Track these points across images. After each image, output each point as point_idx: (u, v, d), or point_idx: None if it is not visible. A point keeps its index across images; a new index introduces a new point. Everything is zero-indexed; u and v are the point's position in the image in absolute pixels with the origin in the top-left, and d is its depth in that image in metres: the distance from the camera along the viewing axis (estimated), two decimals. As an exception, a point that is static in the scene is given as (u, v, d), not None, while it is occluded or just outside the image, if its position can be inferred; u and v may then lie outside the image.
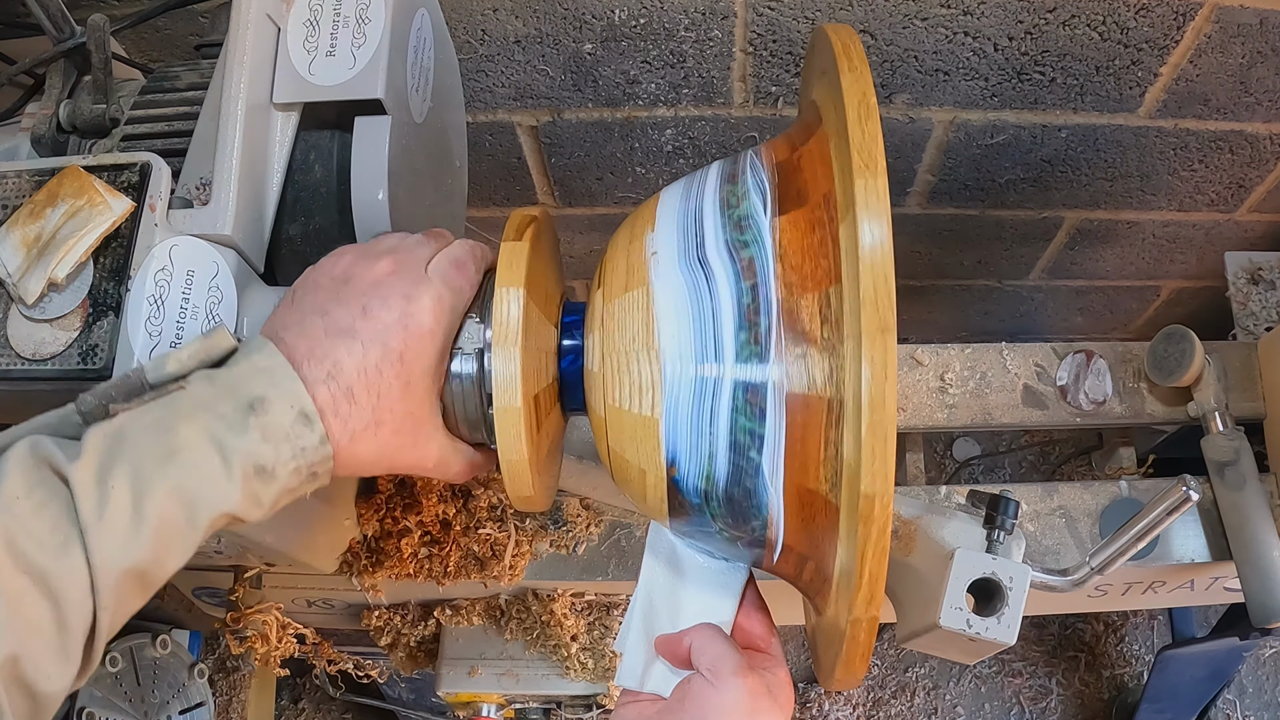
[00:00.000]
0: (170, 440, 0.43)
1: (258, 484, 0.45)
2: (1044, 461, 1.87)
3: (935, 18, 0.97)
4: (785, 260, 0.46)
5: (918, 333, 1.68)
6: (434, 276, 0.50)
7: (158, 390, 0.45)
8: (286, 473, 0.46)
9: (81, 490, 0.41)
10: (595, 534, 0.91)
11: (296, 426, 0.45)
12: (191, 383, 0.45)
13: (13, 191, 0.56)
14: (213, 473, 0.44)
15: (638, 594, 0.57)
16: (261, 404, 0.45)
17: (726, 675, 0.50)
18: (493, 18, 0.97)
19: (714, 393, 0.46)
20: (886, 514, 0.41)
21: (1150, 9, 0.95)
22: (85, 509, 0.41)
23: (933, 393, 0.93)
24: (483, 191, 1.24)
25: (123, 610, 0.43)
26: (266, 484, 0.45)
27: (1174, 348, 0.91)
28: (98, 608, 0.42)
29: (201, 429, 0.44)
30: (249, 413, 0.44)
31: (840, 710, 1.77)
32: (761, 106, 1.09)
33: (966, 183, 1.23)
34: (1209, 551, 0.90)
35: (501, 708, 1.02)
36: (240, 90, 0.57)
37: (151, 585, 0.44)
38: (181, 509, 0.43)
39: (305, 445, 0.46)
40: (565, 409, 0.56)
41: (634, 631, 0.56)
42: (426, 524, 0.89)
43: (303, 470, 0.46)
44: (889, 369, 0.40)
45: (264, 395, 0.45)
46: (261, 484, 0.45)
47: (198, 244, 0.55)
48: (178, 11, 0.77)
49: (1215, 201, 1.26)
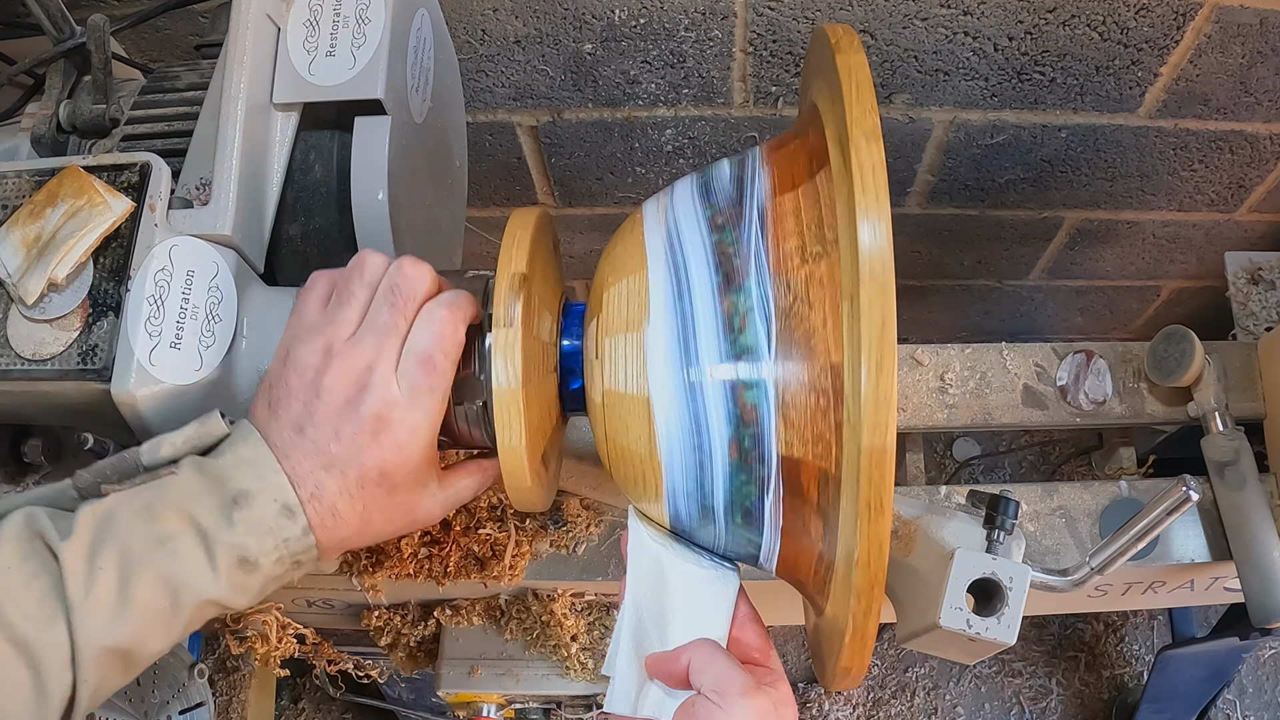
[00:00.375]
0: (158, 528, 0.45)
1: (241, 574, 0.46)
2: (1044, 461, 1.87)
3: (935, 18, 0.97)
4: (779, 264, 0.46)
5: (918, 333, 1.68)
6: (403, 384, 0.49)
7: (151, 473, 0.47)
8: (269, 563, 0.47)
9: (71, 568, 0.43)
10: (595, 534, 0.91)
11: (280, 520, 0.47)
12: (182, 469, 0.47)
13: (13, 191, 0.56)
14: (198, 563, 0.45)
15: (624, 612, 0.53)
16: (245, 498, 0.46)
17: (734, 696, 0.47)
18: (493, 18, 0.97)
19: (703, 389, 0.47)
20: (886, 521, 0.41)
21: (1150, 9, 0.95)
22: (73, 587, 0.43)
23: (933, 393, 0.93)
24: (483, 191, 1.24)
25: (105, 686, 0.45)
26: (250, 574, 0.47)
27: (1174, 348, 0.91)
28: (77, 680, 0.43)
29: (187, 519, 0.45)
30: (233, 507, 0.46)
31: (840, 710, 1.77)
32: (761, 106, 1.09)
33: (966, 183, 1.23)
34: (1209, 551, 0.90)
35: (501, 708, 1.02)
36: (240, 90, 0.57)
37: (135, 665, 0.46)
38: (166, 595, 0.45)
39: (288, 537, 0.47)
40: (565, 409, 0.57)
41: (623, 653, 0.53)
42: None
43: (286, 560, 0.48)
44: (888, 367, 0.40)
45: (248, 490, 0.46)
46: (245, 574, 0.47)
47: (198, 244, 0.55)
48: (178, 11, 0.77)
49: (1215, 201, 1.26)
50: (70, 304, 0.53)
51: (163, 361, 0.52)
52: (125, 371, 0.51)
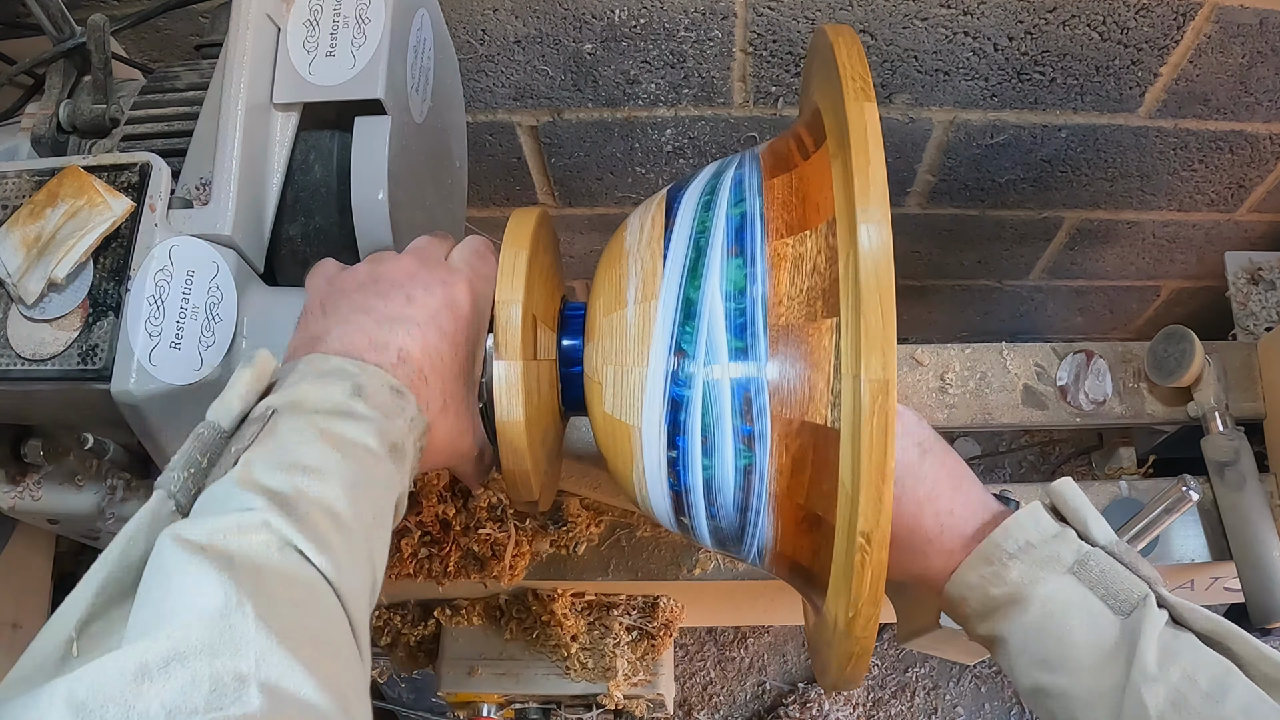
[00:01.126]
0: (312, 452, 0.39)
1: (402, 463, 0.44)
2: (1044, 461, 1.87)
3: (935, 18, 0.97)
4: (776, 273, 0.46)
5: (918, 333, 1.68)
6: (462, 265, 0.52)
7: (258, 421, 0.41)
8: (410, 447, 0.45)
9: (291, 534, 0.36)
10: (595, 534, 0.91)
11: (396, 401, 0.44)
12: (281, 406, 0.41)
13: (13, 191, 0.56)
14: (372, 464, 0.41)
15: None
16: (361, 390, 0.43)
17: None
18: (493, 18, 0.97)
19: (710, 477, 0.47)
20: (886, 521, 0.41)
21: (1150, 9, 0.95)
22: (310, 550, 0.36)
23: (933, 393, 0.93)
24: (483, 191, 1.24)
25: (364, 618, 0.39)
26: (403, 463, 0.44)
27: (1174, 348, 0.91)
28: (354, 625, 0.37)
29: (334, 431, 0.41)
30: (358, 397, 0.42)
31: (840, 710, 1.77)
32: (761, 106, 1.09)
33: (966, 183, 1.23)
34: (1209, 551, 0.90)
35: (501, 708, 1.02)
36: (240, 90, 0.57)
37: (378, 586, 0.42)
38: (369, 508, 0.41)
39: (411, 415, 0.45)
40: (565, 410, 0.57)
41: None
42: (426, 524, 0.89)
43: (419, 443, 0.46)
44: (889, 365, 0.40)
45: (358, 383, 0.43)
46: (401, 463, 0.44)
47: (198, 244, 0.55)
48: (178, 11, 0.77)
49: (1215, 201, 1.26)
50: (70, 304, 0.53)
51: (163, 361, 0.52)
52: (125, 371, 0.51)
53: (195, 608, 0.31)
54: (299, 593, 0.35)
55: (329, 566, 0.36)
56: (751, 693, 1.85)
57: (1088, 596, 0.48)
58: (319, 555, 0.36)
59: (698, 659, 1.88)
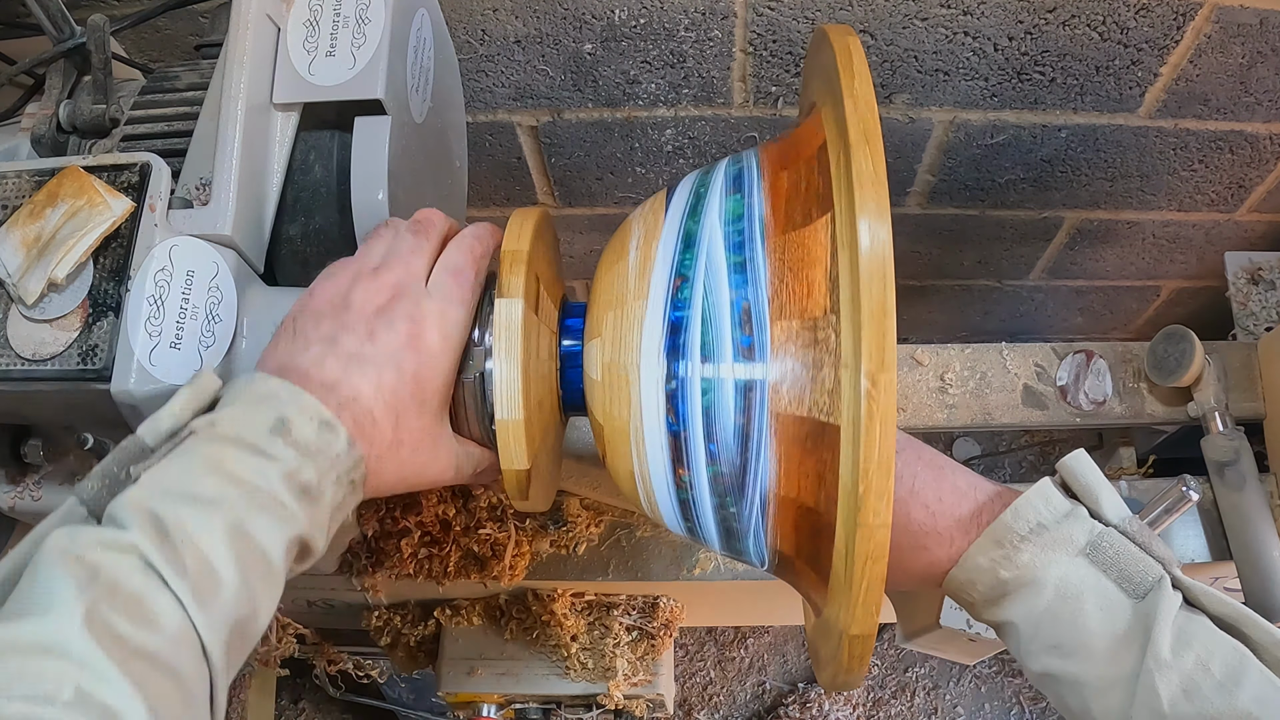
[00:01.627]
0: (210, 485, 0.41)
1: (310, 506, 0.44)
2: (1044, 461, 1.87)
3: (935, 18, 0.97)
4: (780, 266, 0.46)
5: (918, 333, 1.68)
6: (434, 294, 0.50)
7: (173, 440, 0.43)
8: (329, 486, 0.45)
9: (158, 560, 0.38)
10: (595, 534, 0.91)
11: (323, 436, 0.44)
12: (199, 428, 0.43)
13: (13, 191, 0.56)
14: (264, 505, 0.42)
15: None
16: (284, 424, 0.43)
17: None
18: (493, 18, 0.97)
19: (710, 403, 0.47)
20: (886, 521, 0.41)
21: (1150, 9, 0.95)
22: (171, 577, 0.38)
23: (933, 393, 0.93)
24: (483, 191, 1.24)
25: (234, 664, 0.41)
26: (316, 504, 0.44)
27: (1174, 348, 0.91)
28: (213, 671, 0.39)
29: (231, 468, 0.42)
30: (276, 434, 0.43)
31: (840, 710, 1.77)
32: (761, 106, 1.09)
33: (966, 183, 1.23)
34: (1209, 551, 0.90)
35: (501, 708, 1.02)
36: (240, 90, 0.57)
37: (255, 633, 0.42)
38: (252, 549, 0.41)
39: (337, 453, 0.45)
40: (565, 410, 0.57)
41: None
42: (426, 524, 0.89)
43: (342, 481, 0.45)
44: (888, 362, 0.40)
45: (283, 416, 0.44)
46: (312, 505, 0.44)
47: (198, 244, 0.55)
48: (178, 11, 0.77)
49: (1215, 201, 1.26)
50: (70, 304, 0.53)
51: (163, 361, 0.52)
52: (125, 371, 0.51)
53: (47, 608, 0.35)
54: (147, 613, 0.37)
55: (188, 594, 0.38)
56: (751, 693, 1.85)
57: (1101, 580, 0.48)
58: (179, 581, 0.38)
59: (698, 659, 1.88)
